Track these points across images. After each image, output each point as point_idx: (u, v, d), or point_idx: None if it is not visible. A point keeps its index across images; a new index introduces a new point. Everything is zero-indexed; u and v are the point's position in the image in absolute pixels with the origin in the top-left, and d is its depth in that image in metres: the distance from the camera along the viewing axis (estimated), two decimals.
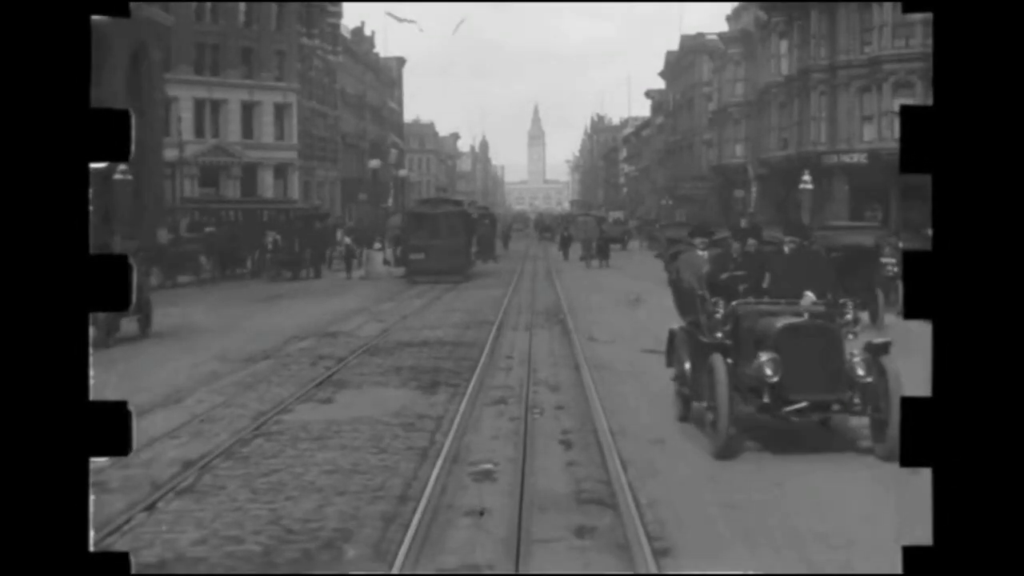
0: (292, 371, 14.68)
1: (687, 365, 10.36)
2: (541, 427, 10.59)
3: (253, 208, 55.35)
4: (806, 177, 40.02)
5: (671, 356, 10.97)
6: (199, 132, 56.72)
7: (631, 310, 23.72)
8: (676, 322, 11.01)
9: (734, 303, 9.80)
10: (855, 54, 48.91)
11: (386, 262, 41.36)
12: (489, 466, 8.88)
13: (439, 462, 8.93)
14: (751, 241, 10.79)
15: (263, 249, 38.34)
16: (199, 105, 56.96)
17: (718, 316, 9.75)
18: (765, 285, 10.12)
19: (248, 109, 59.68)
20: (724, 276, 10.23)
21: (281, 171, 61.15)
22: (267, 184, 60.00)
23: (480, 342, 17.70)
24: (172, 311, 22.79)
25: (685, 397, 10.53)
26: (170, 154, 47.57)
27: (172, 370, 14.80)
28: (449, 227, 36.14)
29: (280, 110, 61.20)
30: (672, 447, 9.72)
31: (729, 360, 9.37)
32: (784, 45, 56.91)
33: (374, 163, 72.91)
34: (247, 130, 59.66)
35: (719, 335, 9.70)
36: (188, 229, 45.93)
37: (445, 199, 57.21)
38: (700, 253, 11.07)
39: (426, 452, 9.50)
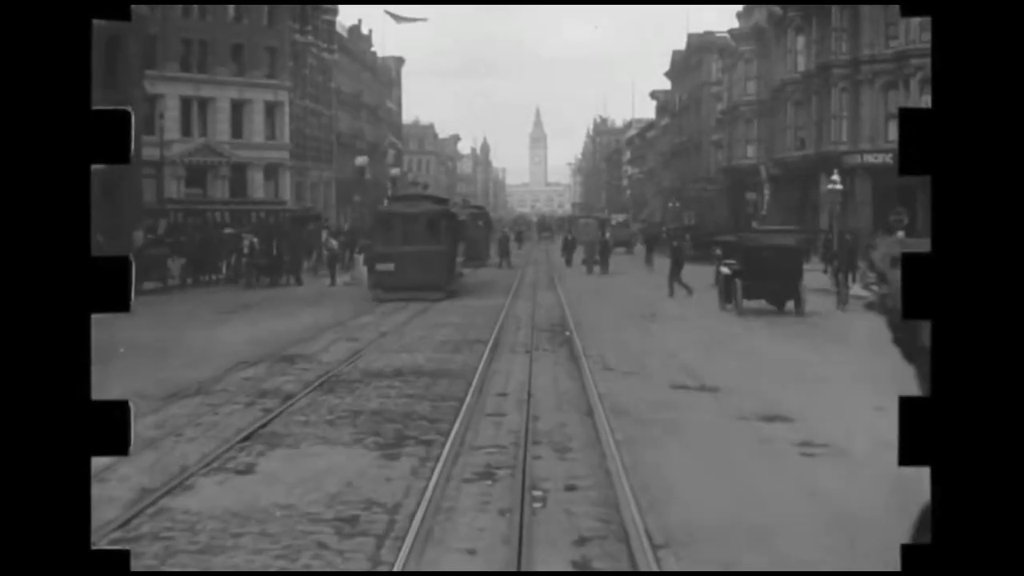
0: (218, 417, 11.26)
1: None
2: (544, 527, 7.17)
3: (238, 209, 52.38)
4: (835, 177, 36.80)
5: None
6: (186, 131, 54.07)
7: (647, 326, 20.49)
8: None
9: None
10: (879, 48, 46.28)
11: None
12: None
13: None
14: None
15: (239, 253, 35.09)
16: (185, 103, 54.25)
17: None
18: None
19: (238, 107, 57.13)
20: None
21: (272, 171, 58.40)
22: (257, 184, 57.25)
23: (468, 372, 14.41)
24: (115, 324, 19.56)
25: None
26: (154, 152, 44.48)
27: None
28: (428, 231, 28.48)
29: (271, 108, 58.59)
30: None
31: None
32: (801, 40, 54.38)
33: (361, 160, 69.87)
34: (236, 129, 57.13)
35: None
36: (167, 231, 42.87)
37: (425, 195, 42.61)
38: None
39: None
